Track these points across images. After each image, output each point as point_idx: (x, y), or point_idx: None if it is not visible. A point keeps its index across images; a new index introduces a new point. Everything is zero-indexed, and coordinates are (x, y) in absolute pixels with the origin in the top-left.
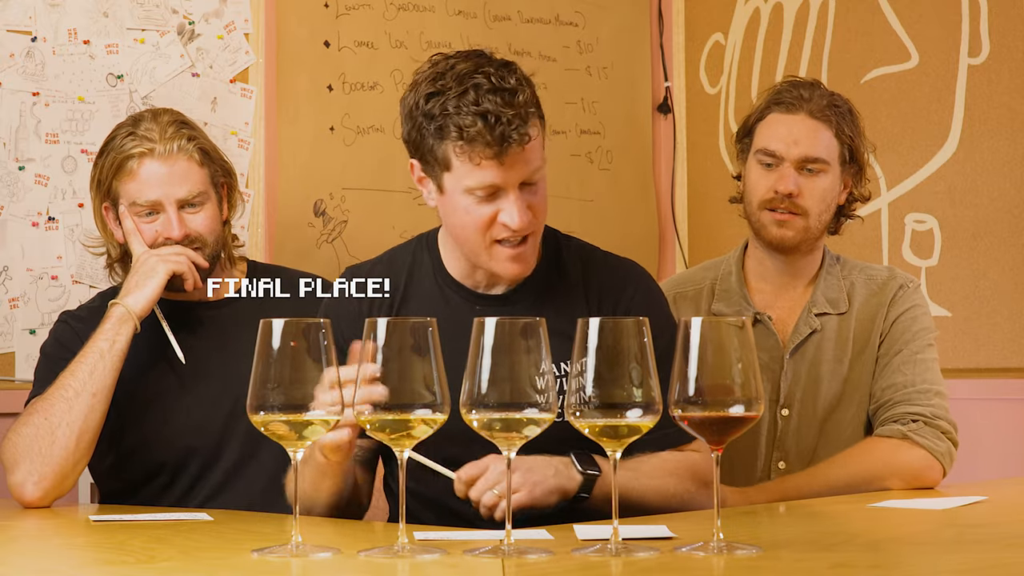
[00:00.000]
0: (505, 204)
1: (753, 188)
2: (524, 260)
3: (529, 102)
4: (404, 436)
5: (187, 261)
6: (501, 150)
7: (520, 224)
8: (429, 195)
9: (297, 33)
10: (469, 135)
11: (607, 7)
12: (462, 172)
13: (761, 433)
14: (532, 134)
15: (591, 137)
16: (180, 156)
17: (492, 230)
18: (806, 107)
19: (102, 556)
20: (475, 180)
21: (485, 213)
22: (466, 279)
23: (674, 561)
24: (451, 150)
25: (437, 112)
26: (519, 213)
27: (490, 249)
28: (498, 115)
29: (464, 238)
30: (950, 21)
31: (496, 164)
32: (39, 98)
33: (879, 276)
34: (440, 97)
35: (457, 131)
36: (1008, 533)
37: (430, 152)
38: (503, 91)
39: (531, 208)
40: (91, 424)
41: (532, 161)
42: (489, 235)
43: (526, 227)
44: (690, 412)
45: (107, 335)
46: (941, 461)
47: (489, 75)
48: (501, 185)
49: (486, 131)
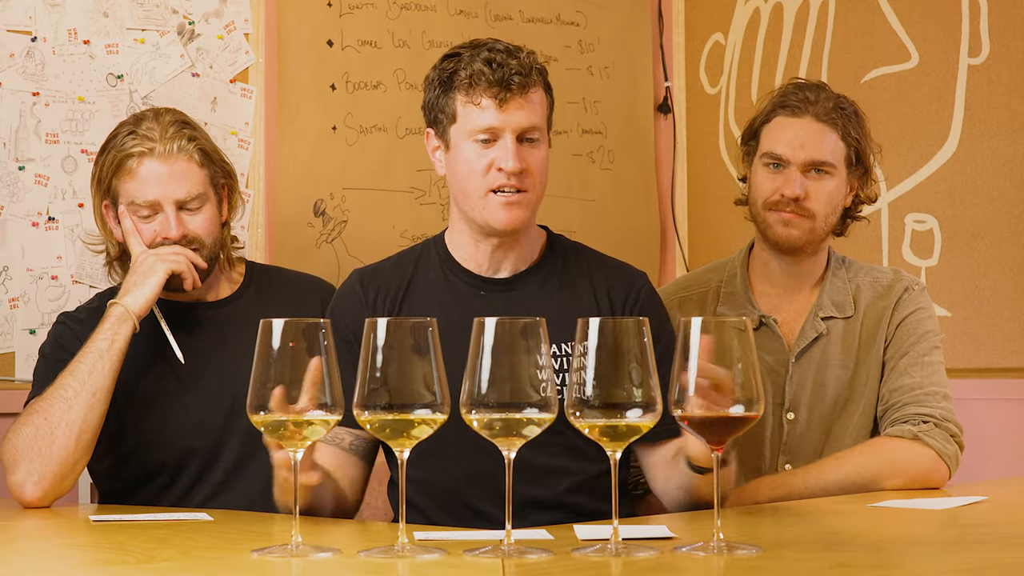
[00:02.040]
0: (501, 149)
1: (759, 190)
2: (517, 210)
3: (534, 64)
4: (404, 436)
5: (186, 261)
6: (501, 91)
7: (512, 166)
8: (440, 163)
9: (299, 32)
10: (473, 78)
11: (608, 7)
12: (465, 118)
13: (766, 436)
14: (533, 89)
15: (593, 137)
16: (180, 156)
17: (489, 176)
18: (812, 110)
19: (102, 556)
20: (474, 123)
21: (484, 158)
22: (470, 262)
23: (674, 561)
24: (457, 98)
25: (450, 67)
26: (513, 155)
27: (486, 198)
28: (501, 63)
29: (463, 189)
30: (950, 21)
31: (495, 106)
32: (39, 98)
33: (884, 279)
34: (454, 58)
35: (464, 77)
36: (1008, 533)
37: (441, 110)
38: (511, 52)
39: (527, 162)
40: (90, 424)
41: (532, 116)
42: (486, 182)
43: (519, 172)
44: (690, 412)
45: (106, 334)
46: (948, 464)
47: (503, 45)
48: (499, 128)
49: (488, 72)
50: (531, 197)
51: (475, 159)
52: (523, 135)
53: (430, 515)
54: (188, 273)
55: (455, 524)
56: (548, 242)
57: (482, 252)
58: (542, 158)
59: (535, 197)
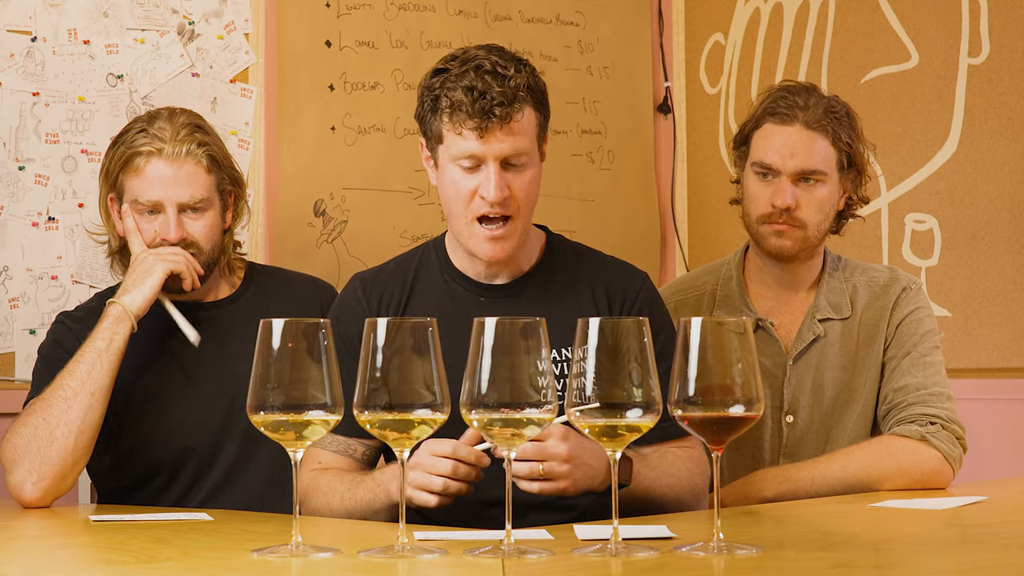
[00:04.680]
0: (484, 177)
1: (751, 201)
2: (502, 243)
3: (521, 87)
4: (404, 436)
5: (185, 261)
6: (482, 122)
7: (494, 196)
8: (432, 175)
9: (298, 33)
10: (454, 106)
11: (607, 7)
12: (449, 142)
13: (765, 440)
14: (517, 117)
15: (592, 137)
16: (188, 160)
17: (473, 204)
18: (802, 117)
19: (102, 556)
20: (458, 149)
21: (467, 185)
22: (469, 270)
23: (674, 561)
24: (442, 121)
25: (437, 86)
26: (494, 186)
27: (471, 226)
28: (484, 91)
29: (451, 212)
30: (950, 21)
31: (476, 136)
32: (39, 98)
33: (881, 278)
34: (442, 74)
35: (447, 102)
36: (1008, 533)
37: (429, 127)
38: (498, 74)
39: (512, 189)
40: (89, 423)
41: (516, 142)
42: (471, 210)
43: (500, 202)
44: (690, 412)
45: (104, 334)
46: (953, 465)
47: (493, 61)
48: (481, 157)
49: (469, 103)
50: (516, 224)
51: (460, 183)
52: (507, 161)
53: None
54: (187, 273)
55: (457, 524)
56: (547, 243)
57: (478, 263)
58: (527, 182)
59: (521, 223)
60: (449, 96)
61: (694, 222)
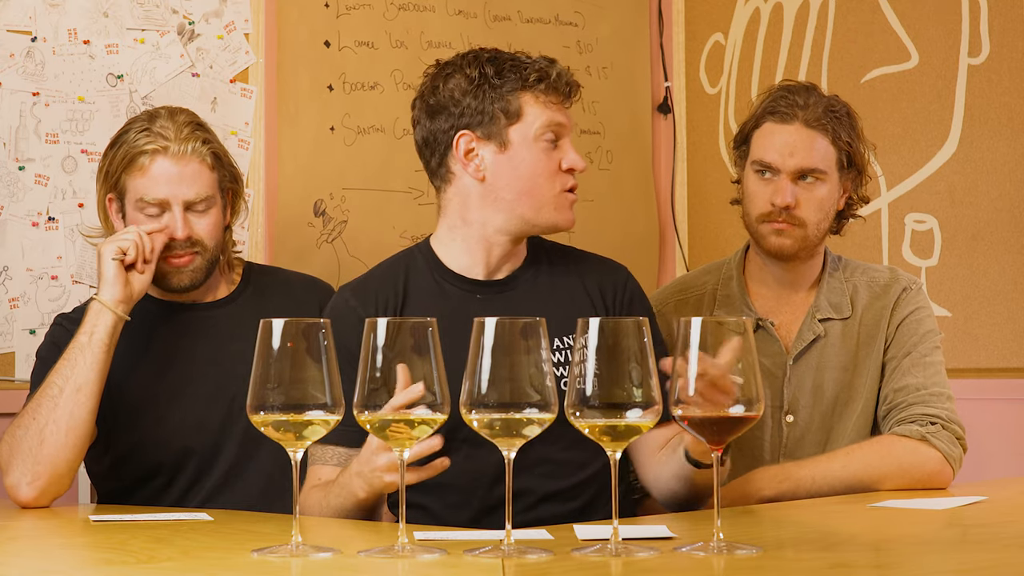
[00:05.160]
0: (567, 150)
1: (751, 200)
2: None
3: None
4: (404, 436)
5: (135, 237)
6: (566, 96)
7: (583, 164)
8: (479, 166)
9: (297, 33)
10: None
11: (607, 7)
12: (534, 115)
13: (765, 440)
14: None
15: (591, 137)
16: (192, 158)
17: (561, 177)
18: (801, 116)
19: (102, 556)
20: (549, 117)
21: (554, 159)
22: (466, 270)
23: (674, 561)
24: (528, 95)
25: (507, 66)
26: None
27: (559, 197)
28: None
29: (531, 189)
30: (950, 21)
31: (560, 108)
32: (39, 98)
33: (881, 278)
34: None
35: (537, 74)
36: (1008, 533)
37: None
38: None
39: None
40: (78, 419)
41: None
42: (559, 182)
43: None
44: (690, 412)
45: (85, 328)
46: (953, 466)
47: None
48: (566, 126)
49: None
50: None
51: (547, 159)
52: None
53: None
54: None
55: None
56: (528, 243)
57: (494, 256)
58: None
59: None
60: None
61: (694, 222)
